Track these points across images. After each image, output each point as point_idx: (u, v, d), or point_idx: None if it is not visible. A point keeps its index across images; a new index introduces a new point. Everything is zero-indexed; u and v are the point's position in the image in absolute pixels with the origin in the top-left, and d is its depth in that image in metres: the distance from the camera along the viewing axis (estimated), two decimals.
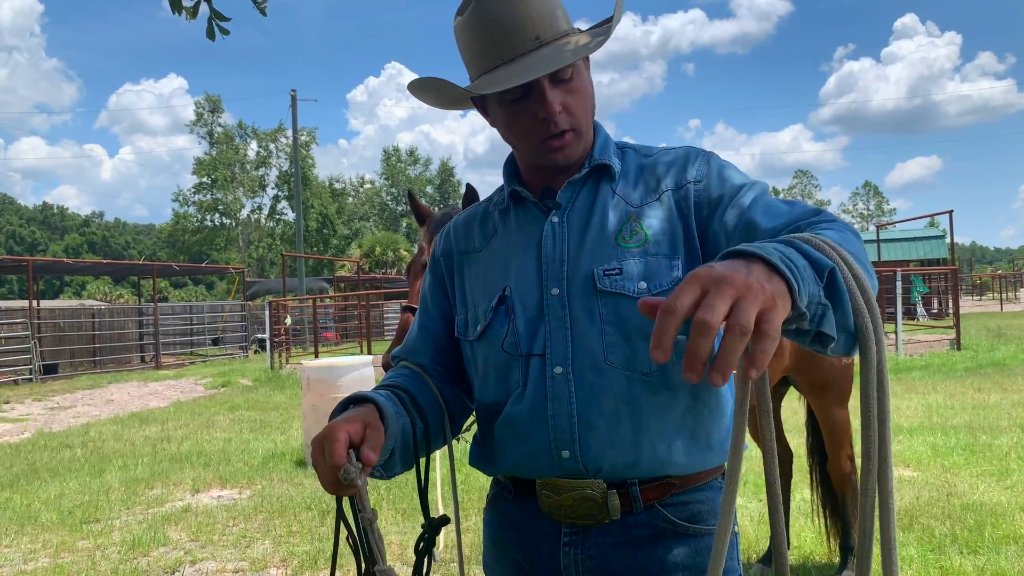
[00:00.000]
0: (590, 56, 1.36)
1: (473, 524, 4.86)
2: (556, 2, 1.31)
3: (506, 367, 1.34)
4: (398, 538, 4.91)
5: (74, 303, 34.63)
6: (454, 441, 1.49)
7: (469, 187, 2.76)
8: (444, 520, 1.31)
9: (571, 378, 1.27)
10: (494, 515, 1.45)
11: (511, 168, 1.45)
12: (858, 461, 4.60)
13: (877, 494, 0.93)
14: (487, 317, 1.36)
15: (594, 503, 1.27)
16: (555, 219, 1.35)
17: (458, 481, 1.50)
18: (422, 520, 1.30)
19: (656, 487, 1.28)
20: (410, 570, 1.34)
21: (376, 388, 1.36)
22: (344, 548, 1.30)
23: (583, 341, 1.27)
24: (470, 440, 1.50)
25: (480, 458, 1.43)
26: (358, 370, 7.50)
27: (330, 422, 1.20)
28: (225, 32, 3.34)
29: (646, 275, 1.26)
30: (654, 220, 1.29)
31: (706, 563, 1.27)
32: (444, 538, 4.75)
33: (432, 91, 1.40)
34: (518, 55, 1.25)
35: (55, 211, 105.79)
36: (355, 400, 1.28)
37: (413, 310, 2.73)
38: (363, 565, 1.24)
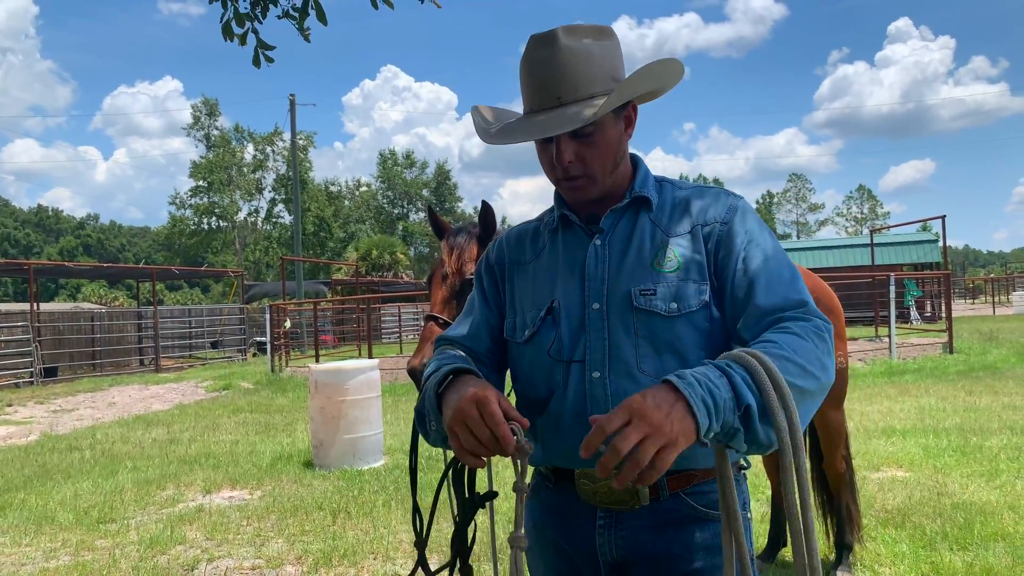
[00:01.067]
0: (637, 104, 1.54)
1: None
2: (599, 61, 1.44)
3: (549, 370, 1.52)
4: (408, 536, 5.08)
5: (69, 306, 34.68)
6: None
7: (485, 204, 2.94)
8: (492, 494, 1.46)
9: (607, 382, 1.45)
10: (536, 502, 1.63)
11: (559, 194, 1.62)
12: (855, 461, 4.75)
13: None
14: (535, 325, 1.54)
15: (626, 491, 1.45)
16: (598, 242, 1.53)
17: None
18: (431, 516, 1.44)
19: (680, 477, 1.47)
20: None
21: (450, 364, 1.47)
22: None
23: (619, 351, 1.46)
24: None
25: None
26: (365, 373, 7.67)
27: (470, 389, 1.30)
28: (270, 60, 3.51)
29: (676, 297, 1.44)
30: (685, 250, 1.48)
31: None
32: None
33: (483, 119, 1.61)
34: (541, 109, 1.45)
35: (50, 213, 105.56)
36: (456, 372, 1.41)
37: (435, 319, 2.89)
38: (457, 542, 1.41)
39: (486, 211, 2.96)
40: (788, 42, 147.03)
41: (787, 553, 4.43)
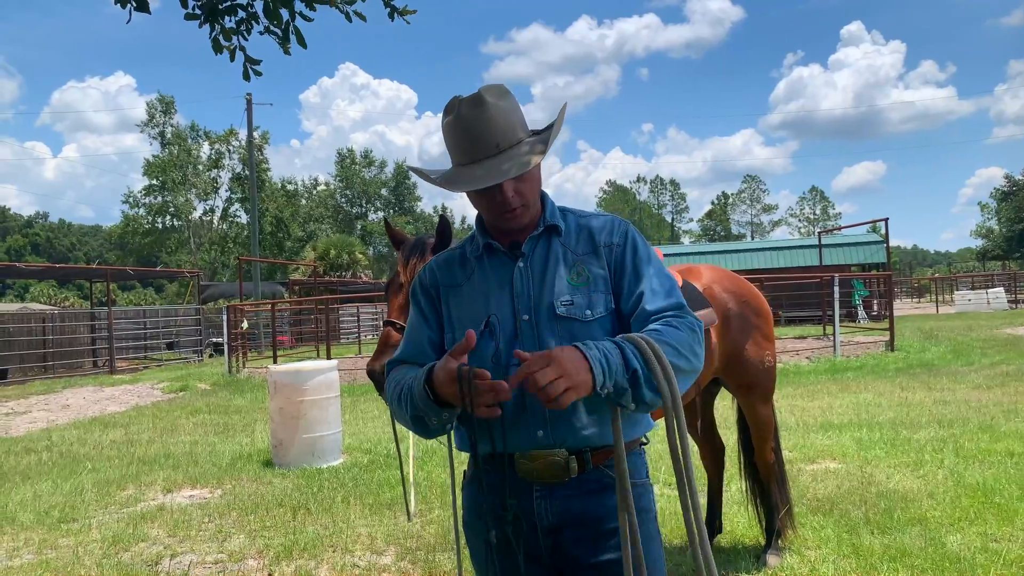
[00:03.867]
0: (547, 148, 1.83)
1: (440, 509, 5.27)
2: (515, 114, 1.78)
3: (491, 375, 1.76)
4: (367, 530, 5.29)
5: (16, 306, 33.94)
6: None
7: (443, 218, 3.16)
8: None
9: None
10: (475, 486, 1.88)
11: (481, 223, 1.91)
12: (786, 454, 5.09)
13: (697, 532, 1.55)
14: (475, 338, 1.78)
15: (558, 466, 1.75)
16: (521, 264, 1.84)
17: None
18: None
19: (601, 453, 1.78)
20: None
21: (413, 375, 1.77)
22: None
23: None
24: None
25: (467, 443, 1.84)
26: (324, 374, 7.84)
27: (434, 375, 1.65)
28: (258, 74, 3.71)
29: (590, 305, 1.77)
30: (593, 267, 1.82)
31: (635, 506, 1.70)
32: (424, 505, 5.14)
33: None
34: (481, 158, 1.74)
35: None
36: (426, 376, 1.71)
37: (394, 324, 3.12)
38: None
39: (444, 225, 3.18)
40: (745, 44, 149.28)
41: (722, 539, 4.75)
